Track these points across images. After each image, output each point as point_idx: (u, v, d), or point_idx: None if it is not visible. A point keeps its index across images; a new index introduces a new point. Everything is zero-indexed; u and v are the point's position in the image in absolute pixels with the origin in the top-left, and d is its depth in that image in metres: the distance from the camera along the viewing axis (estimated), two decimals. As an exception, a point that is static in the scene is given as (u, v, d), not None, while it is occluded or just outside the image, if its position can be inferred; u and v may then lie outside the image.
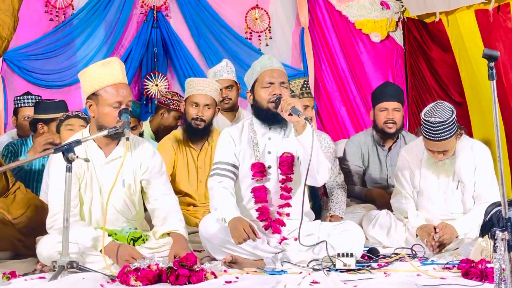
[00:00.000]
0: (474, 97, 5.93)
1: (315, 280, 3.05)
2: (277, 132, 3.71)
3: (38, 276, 3.23)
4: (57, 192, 3.46)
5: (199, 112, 4.57)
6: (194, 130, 4.61)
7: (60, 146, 3.24)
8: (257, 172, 3.66)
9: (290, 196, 3.68)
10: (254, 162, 3.68)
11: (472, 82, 6.00)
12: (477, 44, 5.76)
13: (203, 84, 4.63)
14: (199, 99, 4.60)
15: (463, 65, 6.11)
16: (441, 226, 3.95)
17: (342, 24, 6.93)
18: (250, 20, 6.77)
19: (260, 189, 3.67)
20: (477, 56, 5.76)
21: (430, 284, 3.01)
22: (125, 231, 3.61)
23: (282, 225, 3.66)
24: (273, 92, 3.61)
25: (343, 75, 6.90)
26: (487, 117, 5.70)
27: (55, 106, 5.00)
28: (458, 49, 6.13)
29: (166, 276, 3.06)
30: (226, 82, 5.34)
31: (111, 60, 3.59)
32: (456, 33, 6.09)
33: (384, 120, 4.95)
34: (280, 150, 3.69)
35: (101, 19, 6.38)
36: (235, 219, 3.44)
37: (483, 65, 5.63)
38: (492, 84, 2.61)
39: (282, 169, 3.66)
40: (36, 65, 6.18)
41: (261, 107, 3.66)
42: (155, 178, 3.73)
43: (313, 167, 3.44)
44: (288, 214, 3.68)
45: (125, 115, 3.44)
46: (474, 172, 4.19)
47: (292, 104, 3.42)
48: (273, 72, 3.66)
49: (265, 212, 3.66)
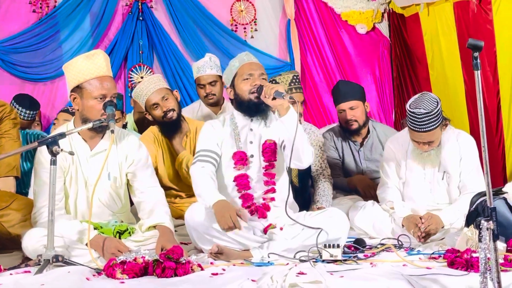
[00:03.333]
0: (442, 92, 5.94)
1: (301, 271, 3.04)
2: (258, 123, 3.76)
3: (23, 270, 3.21)
4: (42, 185, 3.45)
5: (163, 108, 4.51)
6: (168, 124, 4.56)
7: (45, 139, 3.22)
8: (238, 161, 3.72)
9: (274, 182, 3.74)
10: (235, 151, 3.73)
11: (439, 78, 6.03)
12: (451, 37, 5.80)
13: (149, 83, 4.53)
14: (155, 97, 4.50)
15: (434, 60, 6.13)
16: (427, 217, 3.97)
17: (328, 15, 6.92)
18: (235, 12, 6.75)
19: (242, 176, 3.72)
20: (450, 49, 5.81)
21: (416, 274, 3.01)
22: (111, 224, 3.60)
23: (267, 209, 3.70)
24: (254, 83, 3.66)
25: (329, 66, 6.89)
26: (454, 112, 5.71)
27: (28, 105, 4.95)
28: (431, 43, 6.15)
29: (153, 268, 3.05)
30: (210, 78, 5.30)
31: (96, 53, 3.56)
32: (432, 27, 6.10)
33: (345, 121, 4.98)
34: (262, 139, 3.75)
35: (86, 11, 6.35)
36: (220, 203, 3.45)
37: (454, 58, 5.71)
38: (476, 74, 2.61)
39: (265, 155, 3.73)
40: (20, 58, 6.15)
41: (243, 99, 3.70)
42: (141, 171, 3.72)
43: (297, 147, 3.48)
44: (273, 199, 3.73)
45: (110, 108, 3.42)
46: (460, 163, 4.21)
47: (275, 88, 3.48)
48: (251, 65, 3.73)
49: (248, 198, 3.71)
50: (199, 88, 5.37)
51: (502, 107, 5.39)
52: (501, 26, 5.33)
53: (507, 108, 5.34)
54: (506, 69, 5.32)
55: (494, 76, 5.38)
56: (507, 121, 5.36)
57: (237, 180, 3.72)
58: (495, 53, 5.34)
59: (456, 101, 5.78)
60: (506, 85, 5.34)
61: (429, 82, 6.22)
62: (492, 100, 5.40)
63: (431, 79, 6.19)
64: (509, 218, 3.57)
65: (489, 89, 5.37)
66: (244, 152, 3.73)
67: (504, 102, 5.37)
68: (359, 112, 4.96)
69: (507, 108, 5.34)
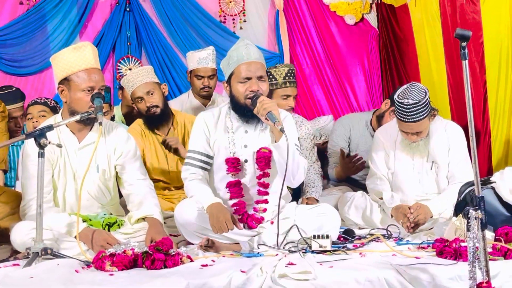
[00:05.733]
0: (428, 83, 5.94)
1: (291, 262, 3.05)
2: (254, 126, 3.64)
3: (12, 263, 3.20)
4: (30, 178, 3.43)
5: (147, 102, 4.51)
6: (152, 118, 4.56)
7: (32, 131, 3.20)
8: (231, 167, 3.60)
9: (267, 192, 3.63)
10: (228, 157, 3.62)
11: (426, 69, 6.04)
12: (435, 28, 5.80)
13: (137, 75, 4.53)
14: (140, 91, 4.52)
15: (421, 50, 6.13)
16: (415, 207, 3.98)
17: (316, 6, 6.90)
18: (223, 3, 6.72)
19: (235, 184, 3.61)
20: (434, 40, 5.82)
21: (405, 263, 3.02)
22: (99, 216, 3.60)
23: (258, 222, 3.61)
24: (250, 88, 3.50)
25: (318, 57, 6.88)
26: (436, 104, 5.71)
27: (13, 97, 4.90)
28: (419, 34, 6.15)
29: (142, 260, 3.05)
30: (210, 71, 5.31)
31: (83, 45, 3.54)
32: (419, 17, 6.10)
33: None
34: (256, 144, 3.62)
35: (73, 2, 6.30)
36: (215, 205, 3.42)
37: (438, 50, 5.71)
38: (464, 64, 2.62)
39: (259, 165, 3.59)
40: (7, 50, 6.10)
41: (238, 102, 3.57)
42: (130, 163, 3.71)
43: (289, 174, 3.41)
44: (265, 210, 3.64)
45: (97, 100, 3.40)
46: (448, 153, 4.22)
47: (268, 109, 3.36)
48: (250, 66, 3.53)
49: (240, 208, 3.61)
50: (196, 79, 5.34)
51: (489, 97, 5.40)
52: (489, 16, 5.33)
53: (494, 98, 5.35)
54: (493, 60, 5.32)
55: (481, 66, 5.39)
56: (493, 112, 5.37)
57: (230, 188, 3.61)
58: (482, 44, 5.34)
59: (440, 92, 5.79)
60: (493, 75, 5.34)
61: (418, 73, 6.22)
62: (479, 90, 5.41)
63: (420, 69, 6.19)
64: (497, 207, 3.59)
65: (475, 80, 5.37)
66: (237, 158, 3.60)
67: (490, 92, 5.38)
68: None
69: (494, 99, 5.35)
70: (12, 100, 4.80)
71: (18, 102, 4.79)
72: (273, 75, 4.56)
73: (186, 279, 2.78)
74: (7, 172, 4.30)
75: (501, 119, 5.35)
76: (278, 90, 4.55)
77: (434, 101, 5.48)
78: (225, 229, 3.33)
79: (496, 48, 5.31)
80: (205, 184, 3.60)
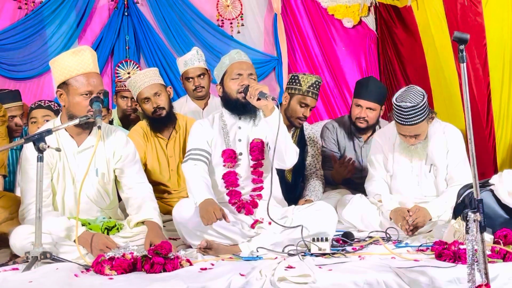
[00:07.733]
0: (439, 84, 5.95)
1: (290, 265, 3.05)
2: (247, 122, 3.79)
3: (11, 267, 3.19)
4: (29, 182, 3.43)
5: (153, 104, 4.51)
6: (158, 120, 4.56)
7: (31, 135, 3.20)
8: (227, 158, 3.75)
9: (262, 180, 3.77)
10: (224, 149, 3.75)
11: (436, 69, 6.03)
12: (442, 29, 5.80)
13: (145, 76, 4.54)
14: (147, 92, 4.51)
15: (429, 51, 6.14)
16: (414, 209, 3.99)
17: (314, 9, 6.92)
18: (221, 7, 6.73)
19: (230, 173, 3.75)
20: (442, 41, 5.81)
21: (404, 266, 3.03)
22: (99, 220, 3.60)
23: (254, 206, 3.71)
24: (242, 83, 3.70)
25: (316, 61, 6.89)
26: (449, 104, 5.73)
27: (11, 96, 4.90)
28: (425, 34, 6.15)
29: (141, 264, 3.05)
30: (198, 71, 5.31)
31: (82, 49, 3.54)
32: (423, 18, 6.11)
33: (356, 116, 4.93)
34: (250, 138, 3.78)
35: (71, 6, 6.31)
36: (206, 201, 3.45)
37: (447, 51, 5.71)
38: (462, 66, 2.62)
39: (252, 154, 3.76)
40: (6, 55, 6.11)
41: (231, 98, 3.75)
42: (129, 167, 3.71)
43: (280, 148, 3.49)
44: (260, 196, 3.75)
45: (96, 104, 3.40)
46: (447, 155, 4.23)
47: (259, 89, 3.51)
48: (241, 64, 3.77)
49: (235, 195, 3.73)
50: (187, 81, 5.36)
51: (493, 99, 5.40)
52: (491, 18, 5.33)
53: (498, 100, 5.36)
54: (497, 62, 5.33)
55: (484, 68, 5.40)
56: (497, 113, 5.38)
57: (225, 177, 3.76)
58: (485, 46, 5.35)
59: (451, 93, 5.78)
60: (497, 77, 5.35)
61: (427, 72, 6.17)
62: (482, 92, 5.42)
63: (429, 69, 6.16)
64: (495, 209, 3.59)
65: (478, 81, 5.38)
66: (233, 150, 3.76)
67: (494, 94, 5.39)
68: (374, 114, 4.90)
69: (498, 100, 5.36)
70: (10, 99, 4.79)
71: (17, 101, 4.78)
72: (299, 80, 4.59)
73: (186, 283, 2.78)
74: (7, 177, 4.28)
75: (505, 120, 5.36)
76: (299, 96, 4.61)
77: (448, 99, 5.51)
78: (213, 218, 3.35)
79: (499, 50, 5.32)
80: (204, 177, 3.65)
